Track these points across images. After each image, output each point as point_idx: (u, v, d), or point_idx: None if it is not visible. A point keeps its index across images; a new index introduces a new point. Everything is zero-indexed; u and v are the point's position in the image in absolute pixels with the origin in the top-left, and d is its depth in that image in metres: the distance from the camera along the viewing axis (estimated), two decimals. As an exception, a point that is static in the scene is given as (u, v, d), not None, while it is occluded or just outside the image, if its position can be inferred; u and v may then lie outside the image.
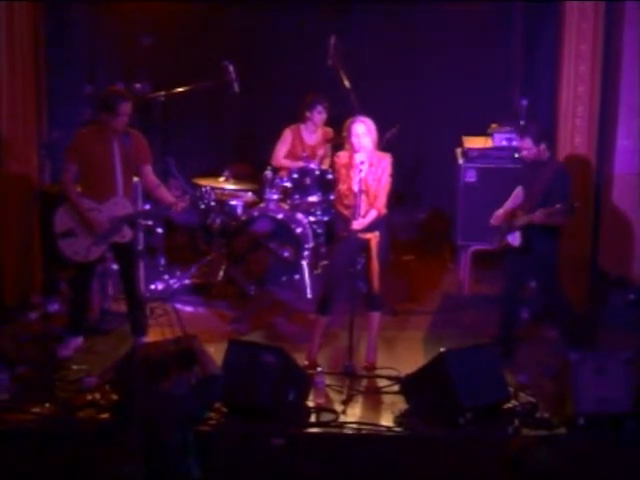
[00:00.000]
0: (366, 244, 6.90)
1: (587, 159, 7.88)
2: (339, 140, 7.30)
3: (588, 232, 7.95)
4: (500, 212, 7.21)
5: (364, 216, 6.84)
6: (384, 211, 6.95)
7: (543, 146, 7.06)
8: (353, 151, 6.91)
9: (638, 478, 5.82)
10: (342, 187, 6.96)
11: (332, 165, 7.72)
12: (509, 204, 7.22)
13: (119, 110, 6.92)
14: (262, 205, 8.47)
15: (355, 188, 6.82)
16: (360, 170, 6.81)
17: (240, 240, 8.35)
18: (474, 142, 8.53)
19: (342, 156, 7.02)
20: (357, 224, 6.81)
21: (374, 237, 6.89)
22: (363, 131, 6.86)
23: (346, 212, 6.93)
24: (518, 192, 7.20)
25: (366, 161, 6.83)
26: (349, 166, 6.92)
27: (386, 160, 6.94)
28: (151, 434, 5.55)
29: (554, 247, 7.11)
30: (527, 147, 7.03)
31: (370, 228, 6.89)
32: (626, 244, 7.98)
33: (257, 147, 9.29)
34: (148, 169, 7.19)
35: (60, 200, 7.11)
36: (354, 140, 6.87)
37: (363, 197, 6.82)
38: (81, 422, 6.22)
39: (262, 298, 8.37)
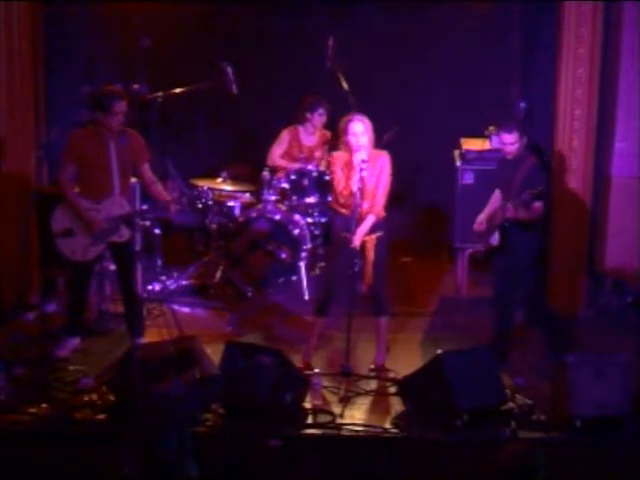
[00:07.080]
0: (363, 246, 6.82)
1: (585, 161, 7.88)
2: (336, 142, 7.22)
3: (585, 234, 7.95)
4: (482, 217, 7.19)
5: (362, 221, 6.74)
6: (383, 214, 6.84)
7: (525, 140, 6.98)
8: (351, 151, 6.75)
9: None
10: (339, 187, 6.83)
11: (327, 166, 7.64)
12: (489, 207, 7.19)
13: (114, 109, 6.92)
14: (260, 206, 8.45)
15: (354, 188, 6.69)
16: (362, 169, 6.65)
17: (238, 241, 8.34)
18: (472, 144, 8.54)
19: (338, 156, 6.87)
20: (356, 238, 6.70)
21: (370, 240, 6.82)
22: (361, 130, 6.71)
23: (344, 210, 6.84)
24: (497, 194, 7.19)
25: (367, 160, 6.69)
26: (345, 166, 6.78)
27: (384, 158, 6.79)
28: (149, 435, 5.54)
29: (531, 244, 7.02)
30: (513, 141, 6.89)
31: (370, 230, 6.82)
32: (624, 246, 7.97)
33: (255, 148, 9.27)
34: (146, 167, 7.20)
35: (58, 200, 7.10)
36: (352, 139, 6.71)
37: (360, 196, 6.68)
38: (78, 423, 6.21)
39: (259, 299, 8.38)
